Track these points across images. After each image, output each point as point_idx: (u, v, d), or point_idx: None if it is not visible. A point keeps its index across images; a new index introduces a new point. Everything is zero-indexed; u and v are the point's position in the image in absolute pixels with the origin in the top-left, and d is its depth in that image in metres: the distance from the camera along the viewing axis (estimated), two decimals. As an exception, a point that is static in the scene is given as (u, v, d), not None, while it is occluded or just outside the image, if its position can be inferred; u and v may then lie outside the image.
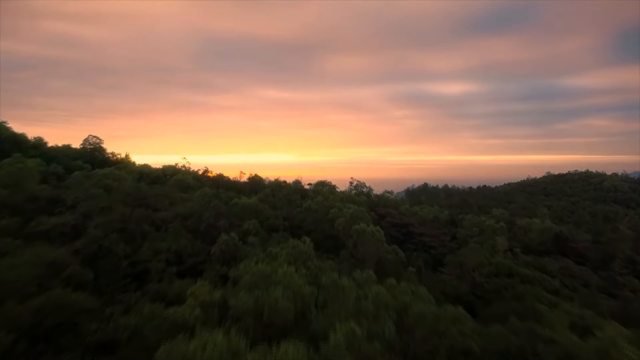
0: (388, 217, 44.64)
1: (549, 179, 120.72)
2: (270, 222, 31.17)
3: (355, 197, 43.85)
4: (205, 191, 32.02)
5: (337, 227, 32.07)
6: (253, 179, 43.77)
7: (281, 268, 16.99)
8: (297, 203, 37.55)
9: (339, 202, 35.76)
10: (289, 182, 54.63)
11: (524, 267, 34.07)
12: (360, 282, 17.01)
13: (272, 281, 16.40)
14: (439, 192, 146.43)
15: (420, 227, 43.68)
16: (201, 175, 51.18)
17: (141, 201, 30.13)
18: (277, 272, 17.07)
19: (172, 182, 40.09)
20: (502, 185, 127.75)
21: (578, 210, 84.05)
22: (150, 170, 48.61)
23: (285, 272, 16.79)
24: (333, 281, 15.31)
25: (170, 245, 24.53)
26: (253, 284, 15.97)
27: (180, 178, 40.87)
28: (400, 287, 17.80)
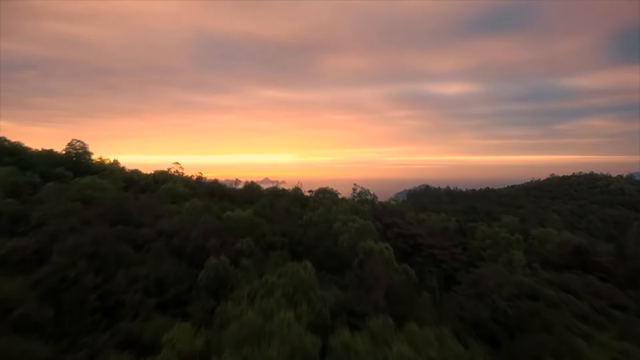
0: (395, 227, 41.32)
1: (554, 181, 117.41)
2: (267, 239, 27.75)
3: (359, 206, 40.40)
4: (195, 203, 28.55)
5: (342, 243, 28.66)
6: (249, 187, 40.17)
7: (277, 314, 13.64)
8: (296, 215, 34.13)
9: (342, 215, 32.34)
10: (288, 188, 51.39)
11: (546, 285, 30.69)
12: (376, 333, 13.69)
13: (266, 333, 13.07)
14: (442, 194, 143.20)
15: (430, 239, 40.36)
16: (195, 181, 47.66)
17: (122, 216, 26.67)
18: (272, 319, 13.74)
19: (161, 191, 36.60)
20: (506, 188, 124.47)
21: (587, 215, 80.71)
22: (140, 176, 45.12)
23: (282, 319, 13.44)
24: (344, 344, 11.89)
25: (150, 272, 21.07)
26: (242, 339, 12.65)
27: (171, 187, 37.38)
28: (424, 335, 14.50)
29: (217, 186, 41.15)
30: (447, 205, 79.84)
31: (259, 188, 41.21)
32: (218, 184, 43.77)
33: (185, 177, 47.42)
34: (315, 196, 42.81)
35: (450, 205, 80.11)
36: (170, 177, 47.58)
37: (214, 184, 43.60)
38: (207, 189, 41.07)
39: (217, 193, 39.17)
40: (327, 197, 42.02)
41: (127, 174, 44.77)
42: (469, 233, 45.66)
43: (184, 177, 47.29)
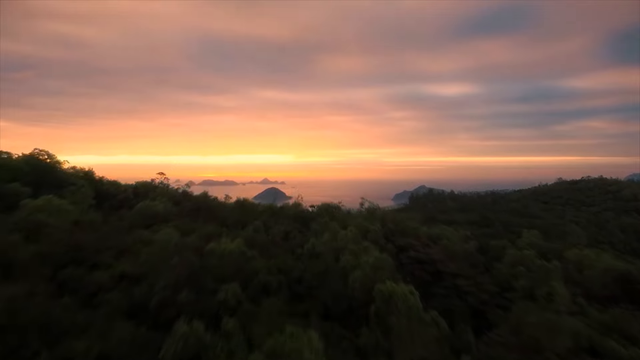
0: (410, 249, 35.33)
1: (563, 186, 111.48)
2: (259, 279, 21.70)
3: (369, 225, 34.27)
4: (169, 235, 22.34)
5: (353, 284, 22.60)
6: (242, 205, 33.89)
7: None
8: (296, 241, 28.04)
9: (352, 243, 26.28)
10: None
11: (603, 331, 24.74)
12: None
13: None
14: (446, 198, 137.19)
15: (451, 263, 34.38)
16: (181, 194, 41.36)
17: (74, 254, 20.52)
18: None
19: (135, 212, 30.40)
20: (513, 192, 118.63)
21: (606, 225, 74.83)
22: (118, 189, 38.94)
23: None
24: None
25: (93, 344, 14.92)
26: None
27: (148, 205, 31.15)
28: None
29: (205, 203, 34.89)
30: (457, 213, 73.74)
31: (253, 205, 34.95)
32: (206, 199, 37.30)
33: (171, 190, 41.12)
34: (318, 213, 36.66)
35: (460, 213, 74.01)
36: (153, 189, 41.37)
37: (202, 199, 37.12)
38: (192, 205, 34.91)
39: (204, 212, 33.06)
40: (333, 214, 35.89)
41: (102, 186, 38.50)
42: (492, 253, 39.65)
43: (169, 190, 40.98)
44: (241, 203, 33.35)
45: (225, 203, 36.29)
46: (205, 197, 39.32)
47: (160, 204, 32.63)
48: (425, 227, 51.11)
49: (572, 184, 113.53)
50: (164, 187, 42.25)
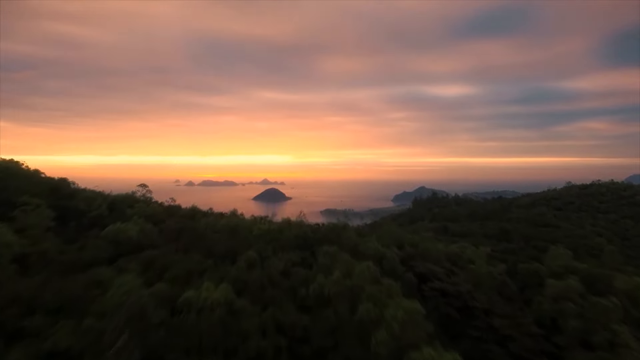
0: (433, 278, 29.41)
1: (574, 191, 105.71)
2: (250, 347, 15.87)
3: (385, 251, 28.41)
4: (126, 284, 16.37)
5: (377, 347, 16.82)
6: (234, 228, 27.55)
7: None
8: (299, 276, 22.13)
9: (370, 283, 20.38)
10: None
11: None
12: None
13: None
14: (450, 202, 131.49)
15: (481, 296, 28.42)
16: (164, 210, 35.18)
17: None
18: None
19: (102, 238, 24.39)
20: (522, 196, 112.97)
21: (625, 234, 69.18)
22: (89, 205, 32.77)
23: None
24: None
25: None
26: None
27: (119, 229, 25.11)
28: None
29: (190, 225, 28.49)
30: (469, 222, 67.86)
31: (247, 227, 28.71)
32: (193, 217, 31.01)
33: (153, 206, 34.86)
34: (324, 234, 30.73)
35: (473, 223, 68.13)
36: (132, 203, 35.34)
37: (188, 217, 30.92)
38: (175, 227, 28.83)
39: (188, 236, 27.00)
40: (341, 237, 30.03)
41: (71, 201, 32.42)
42: (523, 278, 33.72)
43: (151, 206, 34.79)
44: (233, 226, 27.26)
45: (215, 222, 30.26)
46: (192, 214, 33.31)
47: (135, 226, 26.65)
48: (441, 242, 45.37)
49: (583, 189, 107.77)
50: (146, 200, 36.22)
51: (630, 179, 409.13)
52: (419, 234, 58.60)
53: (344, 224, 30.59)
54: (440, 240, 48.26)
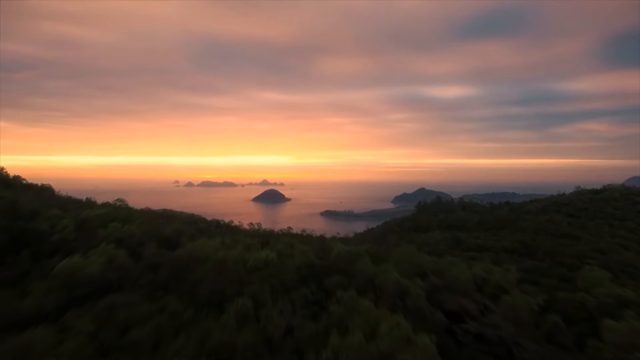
0: (466, 318, 24.01)
1: (585, 196, 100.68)
2: None
3: (409, 285, 23.06)
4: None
5: None
6: (221, 266, 21.14)
7: None
8: (306, 333, 16.74)
9: (402, 349, 15.04)
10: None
11: None
12: None
13: None
14: (455, 207, 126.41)
15: (528, 342, 23.04)
16: (147, 228, 29.38)
17: None
18: None
19: (54, 277, 18.92)
20: (530, 202, 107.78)
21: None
22: (52, 224, 27.04)
23: None
24: None
25: None
26: None
27: (77, 264, 19.33)
28: None
29: (169, 259, 22.10)
30: (484, 234, 62.58)
31: (238, 261, 22.28)
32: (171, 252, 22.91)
33: (129, 228, 28.45)
34: (334, 265, 25.25)
35: (487, 234, 62.85)
36: (112, 219, 29.37)
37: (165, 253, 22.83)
38: (153, 261, 22.97)
39: (167, 273, 21.21)
40: (355, 266, 24.69)
41: (28, 223, 26.81)
42: (570, 313, 28.40)
43: (130, 226, 28.68)
44: (221, 262, 21.47)
45: (203, 248, 24.55)
46: (177, 235, 27.59)
47: (101, 257, 21.15)
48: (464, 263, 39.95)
49: (595, 194, 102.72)
50: (125, 218, 30.52)
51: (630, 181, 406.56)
52: (432, 247, 53.41)
53: (357, 251, 25.18)
54: (459, 258, 42.60)
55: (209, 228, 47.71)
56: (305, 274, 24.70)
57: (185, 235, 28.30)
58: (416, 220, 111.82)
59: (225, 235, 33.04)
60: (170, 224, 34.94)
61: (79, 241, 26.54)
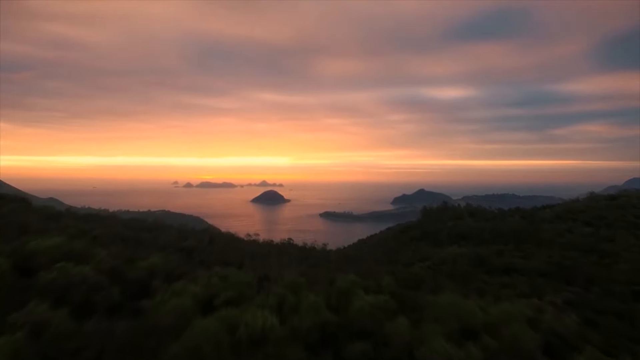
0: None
1: (601, 203, 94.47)
2: None
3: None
4: None
5: None
6: (195, 345, 14.83)
7: None
8: None
9: None
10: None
11: None
12: None
13: None
14: (463, 213, 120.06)
15: None
16: (109, 268, 22.97)
17: None
18: None
19: None
20: (543, 209, 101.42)
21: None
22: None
23: None
24: None
25: None
26: None
27: None
28: None
29: (123, 331, 15.94)
30: (504, 248, 55.89)
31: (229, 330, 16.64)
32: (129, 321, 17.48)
33: (88, 270, 22.19)
34: (355, 323, 18.38)
35: (507, 247, 56.20)
36: (62, 256, 22.46)
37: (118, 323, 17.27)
38: (93, 344, 16.59)
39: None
40: (386, 328, 17.66)
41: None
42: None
43: (82, 268, 22.09)
44: (198, 339, 14.74)
45: (177, 317, 17.99)
46: (149, 278, 21.09)
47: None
48: (494, 288, 33.40)
49: (611, 200, 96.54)
50: (86, 248, 23.42)
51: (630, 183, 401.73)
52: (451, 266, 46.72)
53: (387, 304, 18.34)
54: (489, 285, 35.61)
55: (198, 247, 39.24)
56: (316, 338, 17.10)
57: (160, 276, 21.04)
58: (423, 228, 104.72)
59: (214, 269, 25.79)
60: (145, 256, 26.94)
61: (6, 297, 19.54)
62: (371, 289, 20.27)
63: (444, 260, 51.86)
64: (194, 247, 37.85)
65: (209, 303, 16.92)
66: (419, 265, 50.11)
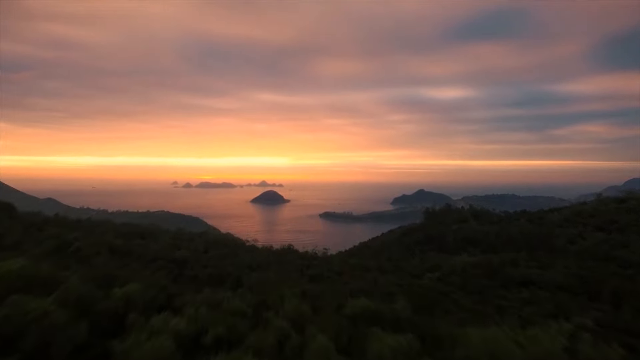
0: None
1: (610, 206, 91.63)
2: None
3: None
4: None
5: None
6: None
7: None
8: None
9: None
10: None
11: None
12: None
13: None
14: (467, 215, 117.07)
15: None
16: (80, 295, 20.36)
17: None
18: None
19: None
20: (550, 212, 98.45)
21: None
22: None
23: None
24: None
25: None
26: None
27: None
28: None
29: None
30: (520, 257, 52.81)
31: None
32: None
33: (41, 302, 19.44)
34: None
35: (520, 256, 53.19)
36: None
37: None
38: None
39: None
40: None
41: None
42: None
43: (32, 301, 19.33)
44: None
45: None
46: (122, 314, 18.68)
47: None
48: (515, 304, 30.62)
49: (620, 203, 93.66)
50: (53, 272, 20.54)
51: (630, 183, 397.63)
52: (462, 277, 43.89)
53: (407, 346, 15.32)
54: (507, 300, 32.31)
55: (192, 258, 35.55)
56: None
57: (139, 307, 17.70)
58: (426, 232, 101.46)
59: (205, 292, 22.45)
60: (129, 274, 23.12)
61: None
62: (386, 318, 16.73)
63: (454, 269, 48.86)
64: (187, 258, 34.14)
65: (196, 340, 13.21)
66: (428, 277, 46.87)
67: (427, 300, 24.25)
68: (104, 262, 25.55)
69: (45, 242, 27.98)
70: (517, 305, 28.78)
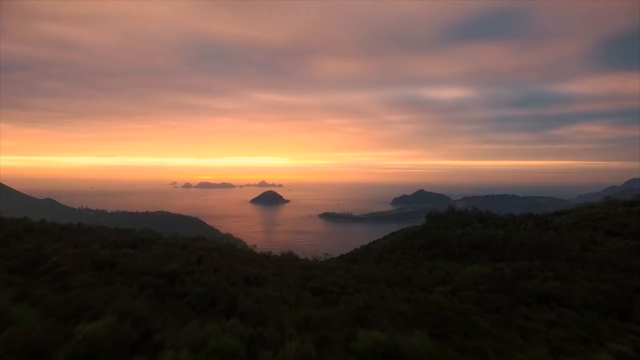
0: None
1: (620, 209, 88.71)
2: None
3: None
4: None
5: None
6: None
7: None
8: None
9: None
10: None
11: None
12: None
13: None
14: (472, 218, 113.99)
15: None
16: None
17: None
18: None
19: None
20: (555, 215, 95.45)
21: None
22: None
23: None
24: None
25: None
26: None
27: None
28: None
29: None
30: (535, 267, 49.78)
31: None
32: None
33: None
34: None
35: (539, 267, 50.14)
36: None
37: None
38: None
39: None
40: None
41: None
42: None
43: None
44: None
45: None
46: None
47: None
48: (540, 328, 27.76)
49: (630, 206, 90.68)
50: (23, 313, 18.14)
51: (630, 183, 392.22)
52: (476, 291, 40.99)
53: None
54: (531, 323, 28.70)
55: (183, 271, 31.40)
56: None
57: (106, 352, 14.55)
58: (430, 236, 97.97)
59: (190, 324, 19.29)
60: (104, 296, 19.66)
61: None
62: (403, 355, 13.43)
63: (465, 282, 45.69)
64: (178, 272, 30.39)
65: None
66: (440, 290, 43.11)
67: (443, 322, 20.51)
68: (83, 280, 21.58)
69: (17, 257, 24.08)
70: (542, 327, 25.24)
